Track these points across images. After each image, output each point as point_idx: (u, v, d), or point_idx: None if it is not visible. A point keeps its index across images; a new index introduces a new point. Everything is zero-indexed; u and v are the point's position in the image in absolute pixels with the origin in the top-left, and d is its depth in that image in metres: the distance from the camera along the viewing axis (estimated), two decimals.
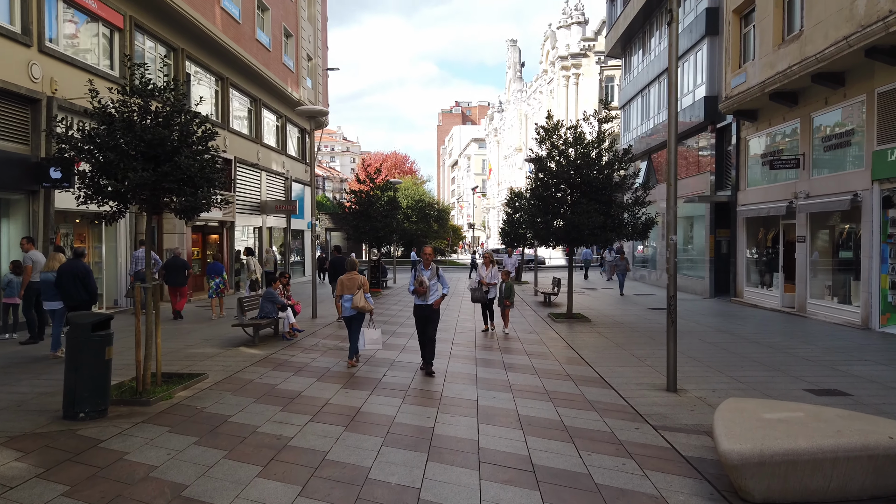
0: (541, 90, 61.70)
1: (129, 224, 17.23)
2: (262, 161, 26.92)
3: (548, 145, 15.35)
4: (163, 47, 19.19)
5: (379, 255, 26.19)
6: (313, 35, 33.56)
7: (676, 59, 7.98)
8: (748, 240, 19.48)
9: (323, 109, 15.74)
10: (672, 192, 8.04)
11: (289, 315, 12.47)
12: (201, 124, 8.25)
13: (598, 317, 16.24)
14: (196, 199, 7.99)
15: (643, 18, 27.95)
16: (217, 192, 8.56)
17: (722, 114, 20.81)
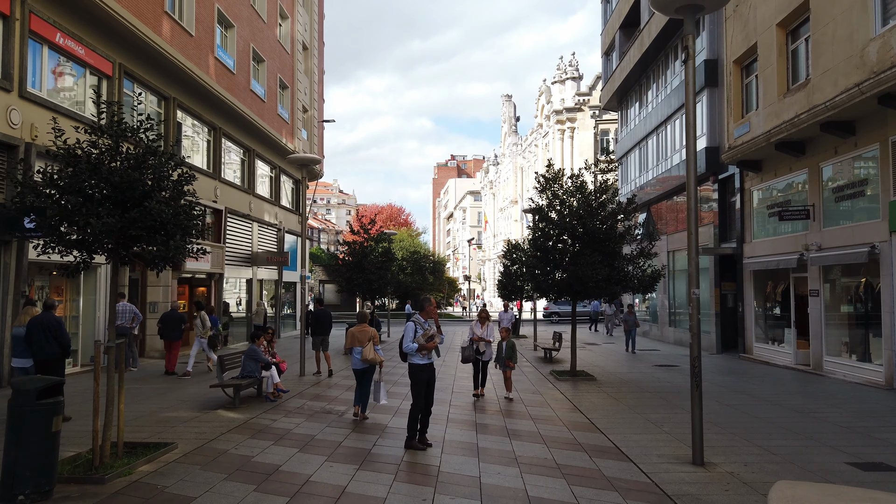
0: (536, 143, 62.02)
1: (108, 276, 16.41)
2: (255, 212, 26.32)
3: (548, 195, 14.77)
4: (153, 96, 18.78)
5: (373, 308, 25.34)
6: (309, 87, 33.53)
7: (694, 96, 7.42)
8: (756, 293, 18.76)
9: (315, 157, 15.20)
10: (693, 241, 7.35)
11: (273, 374, 11.57)
12: (177, 166, 7.56)
13: (604, 375, 15.34)
14: (168, 249, 7.23)
15: (639, 72, 27.95)
16: (194, 241, 7.83)
17: (724, 165, 20.41)
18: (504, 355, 12.33)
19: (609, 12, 33.11)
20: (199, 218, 7.81)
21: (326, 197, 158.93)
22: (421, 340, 7.95)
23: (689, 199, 7.41)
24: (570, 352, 15.57)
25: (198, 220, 7.73)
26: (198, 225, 7.76)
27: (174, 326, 15.97)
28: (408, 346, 7.97)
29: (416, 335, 8.00)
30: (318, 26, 35.07)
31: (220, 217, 22.76)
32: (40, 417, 5.83)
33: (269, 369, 11.54)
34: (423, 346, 7.94)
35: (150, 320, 18.98)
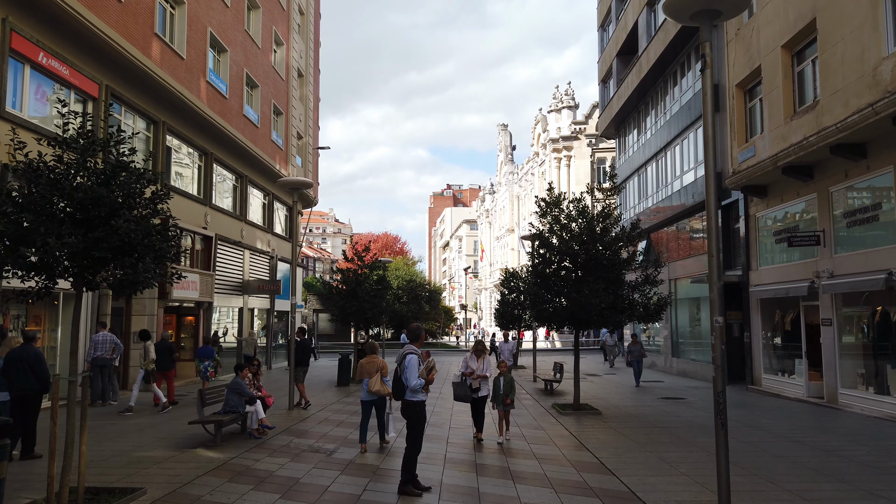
0: (532, 172, 61.85)
1: (91, 304, 15.69)
2: (247, 239, 25.71)
3: (549, 219, 14.20)
4: (142, 119, 18.28)
5: (366, 338, 24.58)
6: (304, 114, 33.21)
7: (711, 106, 6.86)
8: (764, 323, 18.12)
9: (306, 181, 14.64)
10: (715, 264, 6.73)
11: (258, 409, 10.81)
12: (150, 183, 6.95)
13: (609, 408, 14.59)
14: (136, 273, 6.58)
15: (637, 98, 27.68)
16: (171, 265, 7.19)
17: (727, 190, 19.93)
18: (502, 392, 10.59)
19: (605, 40, 33.03)
20: (174, 239, 7.17)
21: (322, 226, 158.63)
22: (424, 374, 7.19)
23: (710, 217, 6.82)
24: (572, 384, 14.84)
25: (173, 241, 7.09)
26: (173, 247, 7.11)
27: (166, 356, 15.76)
28: (416, 382, 7.11)
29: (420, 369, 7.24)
30: (313, 53, 34.90)
31: (211, 244, 22.13)
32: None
33: (253, 404, 10.80)
34: (427, 379, 7.23)
35: (135, 350, 18.21)
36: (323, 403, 15.56)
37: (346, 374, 20.55)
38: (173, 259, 7.25)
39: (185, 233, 20.55)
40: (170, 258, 7.08)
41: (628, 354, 19.87)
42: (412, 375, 7.07)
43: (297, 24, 32.00)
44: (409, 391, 7.15)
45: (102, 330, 14.64)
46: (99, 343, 14.34)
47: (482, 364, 10.66)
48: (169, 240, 6.98)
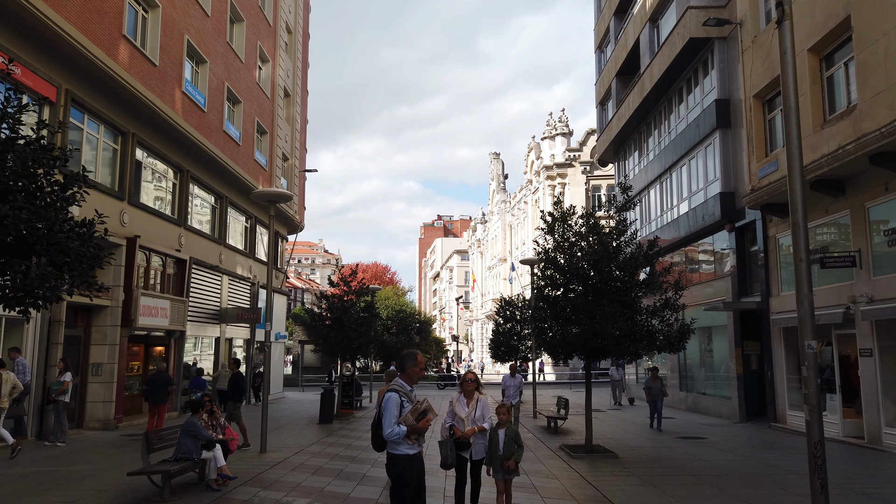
0: (525, 200, 60.66)
1: (39, 329, 13.91)
2: (226, 264, 24.01)
3: (557, 236, 12.67)
4: (109, 129, 16.74)
5: (353, 371, 22.80)
6: (291, 135, 31.82)
7: (793, 67, 5.37)
8: (788, 354, 16.56)
9: (285, 193, 13.07)
10: (804, 273, 5.20)
11: (217, 456, 9.05)
12: (55, 163, 5.37)
13: (625, 450, 12.88)
14: (29, 280, 4.93)
15: (638, 119, 26.49)
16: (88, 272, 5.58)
17: (741, 211, 18.57)
18: (501, 453, 7.22)
19: (603, 61, 32.04)
20: (90, 238, 5.55)
21: (311, 257, 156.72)
22: (410, 420, 5.15)
23: (796, 211, 5.29)
24: (578, 421, 13.12)
25: (90, 241, 5.47)
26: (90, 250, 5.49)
27: (160, 389, 14.85)
28: (393, 430, 5.10)
29: (403, 412, 5.20)
30: (301, 73, 33.68)
31: (185, 267, 20.43)
32: None
33: (211, 449, 9.04)
34: (414, 427, 5.15)
35: (93, 384, 16.39)
36: (300, 444, 13.75)
37: (330, 409, 18.72)
38: (92, 265, 5.60)
39: (155, 254, 18.88)
40: (91, 264, 5.43)
41: (648, 392, 17.02)
42: (388, 419, 5.15)
43: (285, 41, 30.81)
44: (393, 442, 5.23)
45: (17, 356, 12.78)
46: (27, 368, 12.51)
47: (475, 408, 7.37)
48: (82, 238, 5.33)
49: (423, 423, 5.24)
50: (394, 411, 5.17)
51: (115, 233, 16.41)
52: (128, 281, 16.98)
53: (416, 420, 5.17)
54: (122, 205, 17.01)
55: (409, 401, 5.25)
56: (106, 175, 16.73)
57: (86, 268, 5.61)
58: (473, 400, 7.46)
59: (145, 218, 18.17)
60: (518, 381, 16.02)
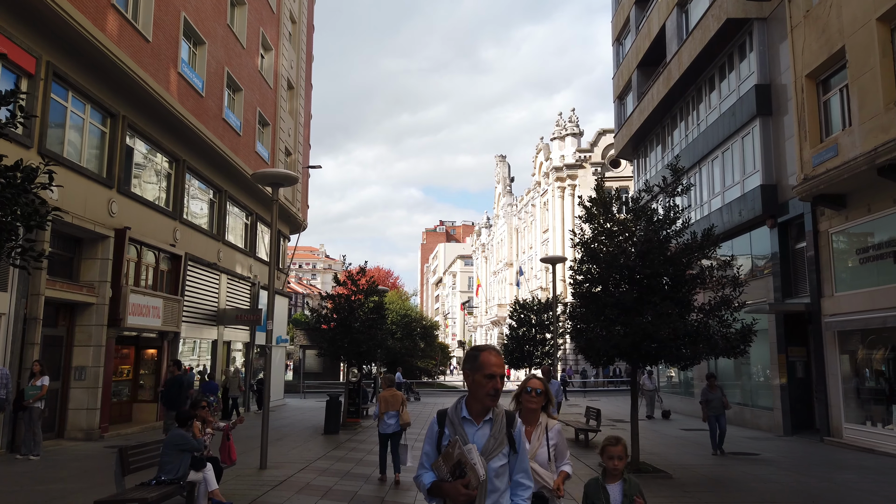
0: (533, 203, 59.15)
1: (12, 328, 12.36)
2: (224, 262, 22.50)
3: (598, 223, 11.15)
4: (96, 109, 15.25)
5: (359, 377, 21.24)
6: (294, 129, 30.35)
7: None
8: (844, 360, 14.99)
9: (290, 174, 11.56)
10: None
11: (207, 477, 7.49)
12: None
13: (674, 468, 11.30)
14: None
15: (663, 111, 25.00)
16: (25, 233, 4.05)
17: (784, 205, 17.06)
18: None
19: (622, 54, 30.60)
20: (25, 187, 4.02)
21: (312, 262, 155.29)
22: (442, 470, 2.98)
23: None
24: (619, 435, 11.53)
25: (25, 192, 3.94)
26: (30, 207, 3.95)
27: (179, 392, 13.83)
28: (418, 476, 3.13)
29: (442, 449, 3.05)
30: (305, 66, 32.26)
31: (180, 264, 18.91)
32: None
33: (201, 469, 7.48)
34: (444, 489, 2.94)
35: (76, 389, 14.84)
36: (304, 459, 12.19)
37: (336, 419, 17.15)
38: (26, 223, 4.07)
39: (148, 249, 17.37)
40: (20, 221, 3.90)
41: (705, 406, 13.59)
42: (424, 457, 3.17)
43: (289, 31, 29.39)
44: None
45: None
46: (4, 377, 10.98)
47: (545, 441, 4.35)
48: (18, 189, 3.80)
49: (457, 491, 2.87)
50: (426, 446, 3.15)
51: (102, 223, 14.94)
52: (116, 276, 15.47)
53: (449, 472, 2.93)
54: (111, 193, 15.52)
55: (453, 433, 3.07)
56: (93, 160, 15.25)
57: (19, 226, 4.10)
58: (539, 428, 4.37)
59: (136, 209, 16.68)
60: (555, 389, 12.87)
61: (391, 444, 10.02)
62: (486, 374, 3.02)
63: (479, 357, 3.08)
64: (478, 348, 3.15)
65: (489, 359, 3.06)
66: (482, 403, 3.04)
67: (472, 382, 3.07)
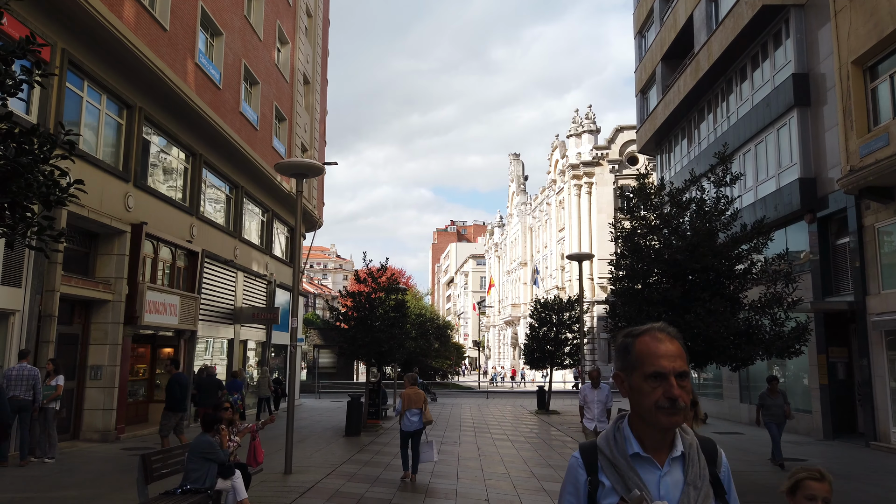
0: (548, 201, 58.45)
1: (26, 325, 11.89)
2: (241, 259, 22.02)
3: (645, 213, 10.53)
4: (113, 101, 14.79)
5: (379, 377, 20.69)
6: (310, 125, 29.87)
7: None
8: (891, 361, 14.28)
9: (316, 164, 11.03)
10: None
11: (236, 486, 6.94)
12: None
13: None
14: None
15: (689, 104, 24.28)
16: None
17: (824, 199, 16.36)
18: None
19: (644, 47, 29.89)
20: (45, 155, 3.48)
21: (323, 262, 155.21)
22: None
23: None
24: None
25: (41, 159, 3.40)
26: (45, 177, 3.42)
27: (212, 392, 14.08)
28: None
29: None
30: (321, 60, 31.78)
31: (196, 261, 18.44)
32: None
33: (229, 476, 6.93)
34: None
35: (92, 389, 14.37)
36: (330, 463, 11.65)
37: (357, 420, 16.61)
38: (44, 195, 3.52)
39: (164, 245, 16.91)
40: (35, 192, 3.36)
41: (760, 412, 11.98)
42: None
43: (305, 25, 28.92)
44: None
45: (24, 360, 10.80)
46: (13, 379, 10.48)
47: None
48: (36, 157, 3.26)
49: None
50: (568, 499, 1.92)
51: (118, 217, 14.48)
52: (132, 273, 14.99)
53: None
54: (128, 187, 15.05)
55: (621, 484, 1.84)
56: (109, 153, 14.78)
57: (34, 197, 3.56)
58: None
59: (153, 203, 16.22)
60: (605, 395, 10.82)
61: (412, 442, 10.07)
62: (648, 374, 1.81)
63: (634, 346, 1.87)
64: (632, 333, 1.90)
65: (653, 347, 1.82)
66: (656, 425, 1.82)
67: (630, 391, 1.87)
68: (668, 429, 1.83)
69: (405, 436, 10.06)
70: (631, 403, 1.90)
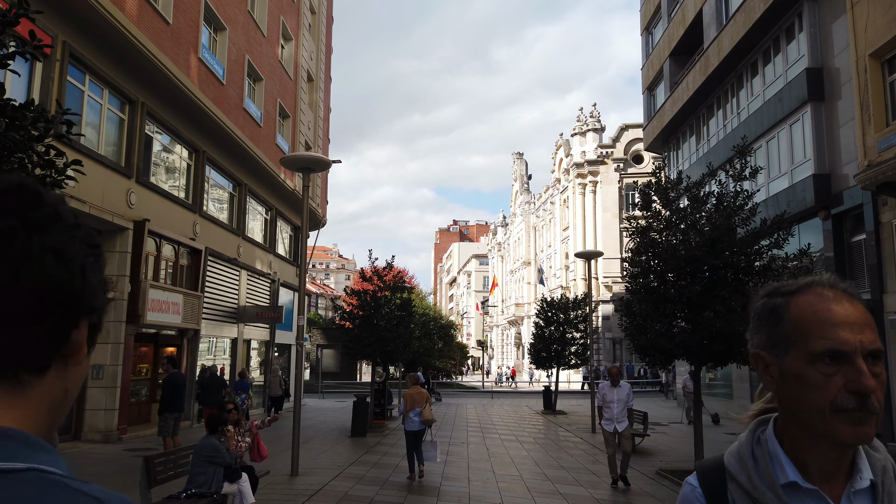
0: (552, 200, 58.13)
1: None
2: (244, 257, 21.76)
3: (661, 209, 10.24)
4: (115, 95, 14.53)
5: (384, 377, 20.42)
6: (314, 122, 29.61)
7: None
8: None
9: (323, 158, 10.77)
10: None
11: (243, 490, 6.66)
12: None
13: None
14: None
15: (698, 101, 23.97)
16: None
17: (838, 196, 16.04)
18: None
19: (652, 44, 29.57)
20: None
21: (326, 262, 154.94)
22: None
23: None
24: (660, 440, 10.61)
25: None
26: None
27: (217, 391, 14.21)
28: None
29: None
30: (325, 58, 31.53)
31: (199, 259, 18.19)
32: None
33: (235, 480, 6.66)
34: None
35: (93, 389, 14.12)
36: (337, 465, 11.37)
37: (364, 420, 16.33)
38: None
39: (167, 242, 16.65)
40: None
41: None
42: None
43: (308, 22, 28.65)
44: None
45: None
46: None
47: None
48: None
49: None
50: None
51: (120, 214, 14.22)
52: (135, 270, 14.74)
53: None
54: (130, 183, 14.79)
55: None
56: (111, 148, 14.53)
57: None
58: None
59: (156, 200, 15.96)
60: (626, 393, 9.90)
61: (417, 441, 10.06)
62: (817, 353, 1.09)
63: (789, 308, 1.15)
64: (782, 290, 1.19)
65: (824, 309, 1.12)
66: (829, 439, 1.09)
67: (782, 381, 1.16)
68: (851, 445, 1.11)
69: (409, 436, 10.08)
70: (782, 402, 1.18)
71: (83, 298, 0.68)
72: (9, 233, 0.63)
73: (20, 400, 0.65)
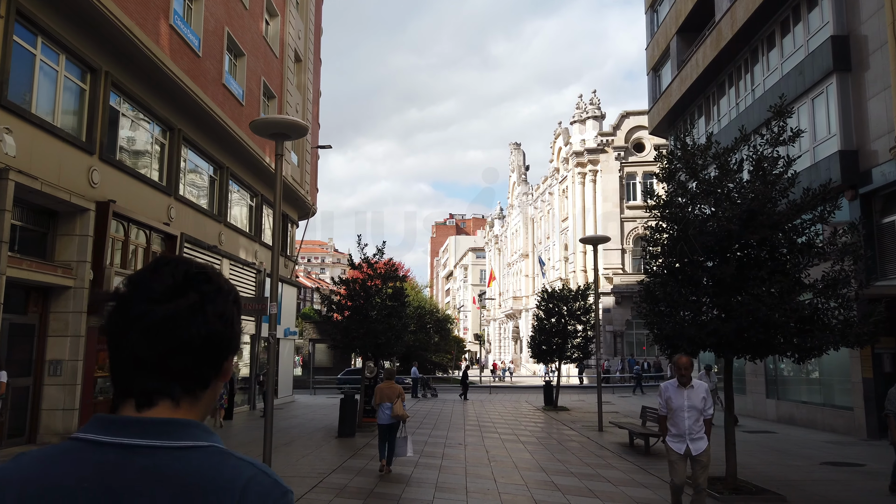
0: (551, 191, 56.77)
1: None
2: (227, 245, 20.37)
3: (686, 179, 8.91)
4: (74, 62, 13.09)
5: (375, 371, 19.08)
6: (302, 105, 28.17)
7: None
8: None
9: (298, 122, 9.41)
10: None
11: None
12: None
13: (780, 485, 9.04)
14: None
15: (708, 79, 22.64)
16: None
17: (867, 174, 14.75)
18: None
19: (657, 22, 28.20)
20: None
21: (321, 256, 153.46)
22: None
23: None
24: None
25: None
26: None
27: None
28: None
29: None
30: (314, 38, 30.05)
31: (174, 246, 16.80)
32: None
33: None
34: None
35: (50, 386, 12.74)
36: (317, 472, 10.03)
37: (352, 419, 15.00)
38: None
39: (137, 226, 15.27)
40: None
41: (892, 418, 8.42)
42: None
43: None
44: None
45: None
46: None
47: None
48: None
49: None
50: None
51: (80, 194, 12.81)
52: (98, 256, 13.33)
53: None
54: (92, 160, 13.38)
55: None
56: (69, 121, 13.11)
57: None
58: None
59: (123, 180, 14.56)
60: (702, 397, 6.81)
61: (390, 435, 10.06)
62: None
63: None
64: None
65: None
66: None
67: None
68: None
69: (380, 428, 10.22)
70: None
71: (234, 342, 1.06)
72: (195, 303, 1.00)
73: (197, 405, 1.03)
